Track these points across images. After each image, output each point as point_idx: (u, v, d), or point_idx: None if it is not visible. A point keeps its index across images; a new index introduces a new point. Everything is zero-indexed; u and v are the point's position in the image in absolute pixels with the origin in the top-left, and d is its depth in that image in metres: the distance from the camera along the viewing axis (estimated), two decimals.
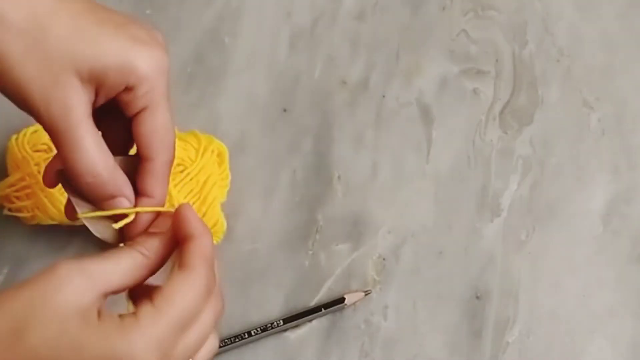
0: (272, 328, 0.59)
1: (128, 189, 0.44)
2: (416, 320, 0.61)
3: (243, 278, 0.61)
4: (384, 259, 0.62)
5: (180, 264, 0.42)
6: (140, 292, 0.43)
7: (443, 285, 0.61)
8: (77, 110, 0.41)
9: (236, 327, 0.60)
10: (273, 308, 0.60)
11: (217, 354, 0.59)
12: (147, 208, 0.44)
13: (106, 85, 0.42)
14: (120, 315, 0.40)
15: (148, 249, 0.42)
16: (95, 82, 0.42)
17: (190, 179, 0.59)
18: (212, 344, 0.43)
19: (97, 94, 0.42)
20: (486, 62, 0.68)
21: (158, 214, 0.45)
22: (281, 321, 0.59)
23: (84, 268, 0.39)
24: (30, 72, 0.40)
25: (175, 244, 0.43)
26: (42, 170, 0.56)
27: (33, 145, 0.59)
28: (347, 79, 0.67)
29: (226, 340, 0.59)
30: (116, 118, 0.44)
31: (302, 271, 0.61)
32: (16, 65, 0.40)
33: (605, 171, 0.65)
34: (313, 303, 0.61)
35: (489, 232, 0.63)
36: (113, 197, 0.43)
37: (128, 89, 0.42)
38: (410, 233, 0.63)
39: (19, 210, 0.59)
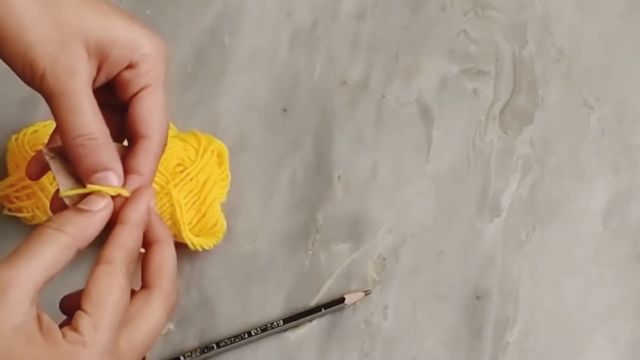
0: (272, 328, 0.59)
1: (119, 165, 0.44)
2: (416, 320, 0.61)
3: (243, 278, 0.61)
4: (384, 259, 0.62)
5: (98, 258, 0.42)
6: (67, 302, 0.43)
7: (443, 285, 0.61)
8: (80, 76, 0.42)
9: (236, 327, 0.60)
10: (273, 308, 0.60)
11: (217, 354, 0.59)
12: (123, 191, 0.43)
13: (110, 61, 0.43)
14: (62, 330, 0.39)
15: (75, 228, 0.41)
16: (100, 55, 0.43)
17: (190, 179, 0.58)
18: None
19: (99, 70, 0.43)
20: (486, 62, 0.68)
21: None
22: (281, 321, 0.59)
23: (9, 278, 0.39)
24: (40, 36, 0.41)
25: (109, 225, 0.43)
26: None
27: (33, 146, 0.59)
28: (347, 79, 0.67)
29: (226, 340, 0.59)
30: (109, 113, 0.45)
31: (302, 271, 0.61)
32: (28, 29, 0.41)
33: (605, 171, 0.65)
34: (313, 303, 0.61)
35: (489, 232, 0.63)
36: (104, 168, 0.43)
37: (131, 66, 0.43)
38: (410, 233, 0.63)
39: (19, 210, 0.59)
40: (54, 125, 0.57)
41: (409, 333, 0.60)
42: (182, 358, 0.58)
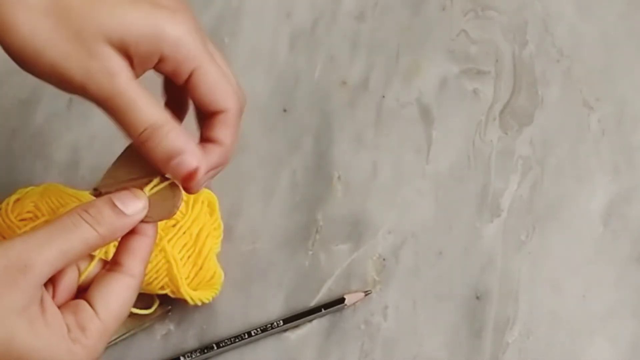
0: (272, 328, 0.59)
1: (192, 144, 0.42)
2: (416, 320, 0.61)
3: (243, 278, 0.61)
4: (384, 259, 0.62)
5: (122, 266, 0.42)
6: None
7: (443, 285, 0.61)
8: (120, 74, 0.40)
9: (236, 327, 0.60)
10: (273, 308, 0.60)
11: (217, 354, 0.59)
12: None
13: (139, 58, 0.41)
14: (67, 323, 0.39)
15: (107, 229, 0.41)
16: (127, 52, 0.41)
17: (184, 233, 0.57)
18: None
19: (132, 65, 0.41)
20: (486, 62, 0.68)
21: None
22: (281, 321, 0.59)
23: (32, 259, 0.38)
24: (64, 50, 0.40)
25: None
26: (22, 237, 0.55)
27: (18, 214, 0.56)
28: (347, 79, 0.67)
29: (226, 340, 0.59)
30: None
31: (302, 271, 0.61)
32: (48, 46, 0.40)
33: (605, 171, 0.65)
34: (313, 303, 0.61)
35: (489, 232, 0.63)
36: (178, 153, 0.41)
37: (165, 59, 0.42)
38: (410, 233, 0.63)
39: None
40: (38, 190, 0.56)
41: (409, 333, 0.60)
42: (182, 358, 0.58)
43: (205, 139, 0.44)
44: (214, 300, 0.59)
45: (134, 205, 0.42)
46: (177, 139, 0.41)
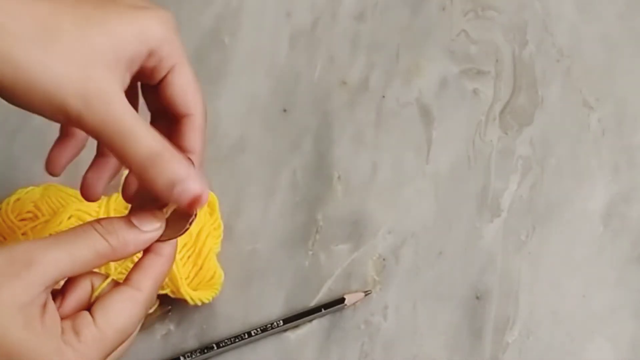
0: (272, 328, 0.59)
1: (192, 169, 0.41)
2: (416, 320, 0.61)
3: (243, 278, 0.61)
4: (384, 259, 0.62)
5: (129, 280, 0.41)
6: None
7: (443, 285, 0.61)
8: (117, 100, 0.39)
9: (236, 327, 0.60)
10: (273, 308, 0.60)
11: (217, 354, 0.59)
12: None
13: (129, 61, 0.40)
14: (63, 325, 0.39)
15: (119, 241, 0.40)
16: (118, 62, 0.40)
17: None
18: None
19: (124, 74, 0.41)
20: (486, 62, 0.68)
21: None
22: (281, 321, 0.59)
23: (36, 257, 0.38)
24: (58, 77, 0.38)
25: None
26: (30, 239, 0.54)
27: (18, 215, 0.56)
28: (347, 79, 0.67)
29: (226, 340, 0.59)
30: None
31: (302, 271, 0.61)
32: (39, 75, 0.38)
33: (605, 171, 0.65)
34: (313, 303, 0.61)
35: (489, 232, 0.63)
36: (182, 178, 0.40)
37: (150, 54, 0.41)
38: (410, 233, 0.63)
39: None
40: (38, 190, 0.56)
41: (409, 333, 0.60)
42: (182, 358, 0.58)
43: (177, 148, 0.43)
44: (214, 300, 0.59)
45: (150, 223, 0.41)
46: (178, 166, 0.40)
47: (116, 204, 0.57)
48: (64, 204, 0.57)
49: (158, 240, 0.42)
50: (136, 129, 0.39)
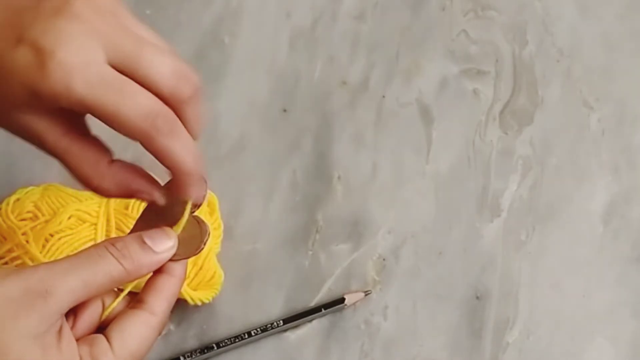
0: (272, 328, 0.59)
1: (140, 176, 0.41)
2: (416, 320, 0.61)
3: (243, 278, 0.61)
4: (384, 259, 0.62)
5: (144, 303, 0.41)
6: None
7: (443, 286, 0.61)
8: (47, 135, 0.40)
9: (236, 327, 0.60)
10: (273, 308, 0.60)
11: (217, 354, 0.59)
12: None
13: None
14: (80, 354, 0.38)
15: (133, 265, 0.40)
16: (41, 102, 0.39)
17: None
18: None
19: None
20: (486, 62, 0.68)
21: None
22: (281, 321, 0.59)
23: (57, 287, 0.38)
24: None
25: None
26: (30, 240, 0.54)
27: (18, 215, 0.56)
28: (347, 79, 0.67)
29: (226, 340, 0.59)
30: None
31: (302, 271, 0.61)
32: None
33: (605, 171, 0.65)
34: (313, 303, 0.61)
35: (489, 232, 0.63)
36: (138, 189, 0.41)
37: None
38: (410, 233, 0.63)
39: None
40: (38, 190, 0.56)
41: (409, 333, 0.60)
42: (182, 358, 0.58)
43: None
44: (214, 300, 0.59)
45: (163, 243, 0.41)
46: (139, 177, 0.42)
47: (116, 204, 0.57)
48: (64, 204, 0.56)
49: (171, 260, 0.42)
50: (72, 152, 0.40)
